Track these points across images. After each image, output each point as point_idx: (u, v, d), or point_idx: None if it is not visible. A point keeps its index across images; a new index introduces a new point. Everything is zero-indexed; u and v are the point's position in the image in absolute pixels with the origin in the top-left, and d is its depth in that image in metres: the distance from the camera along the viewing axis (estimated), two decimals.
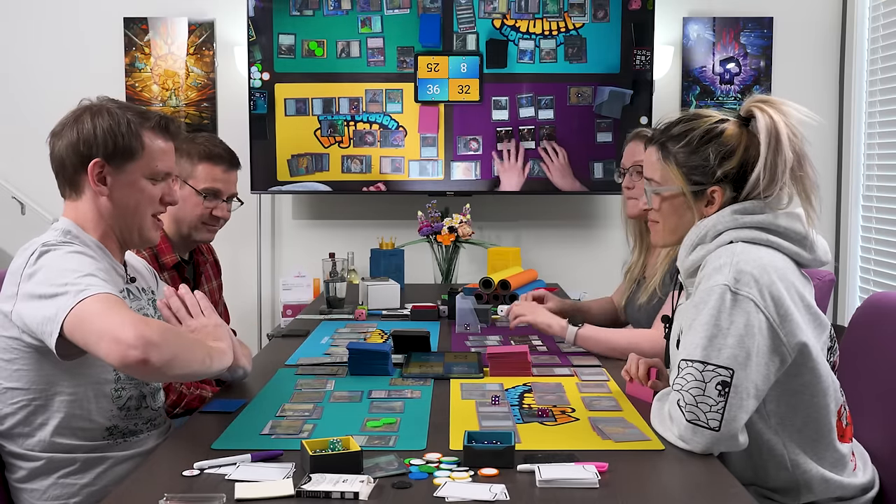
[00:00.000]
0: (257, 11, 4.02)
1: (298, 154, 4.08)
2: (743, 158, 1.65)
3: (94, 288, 1.55)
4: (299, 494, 1.29)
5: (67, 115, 1.75)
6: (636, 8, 4.01)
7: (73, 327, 1.52)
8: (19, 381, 1.67)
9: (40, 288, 1.58)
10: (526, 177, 4.06)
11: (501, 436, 1.47)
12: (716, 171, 1.66)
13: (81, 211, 1.75)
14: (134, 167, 1.73)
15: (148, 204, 1.76)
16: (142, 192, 1.75)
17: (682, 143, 1.68)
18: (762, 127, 1.61)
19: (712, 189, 1.67)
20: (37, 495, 1.69)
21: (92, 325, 1.51)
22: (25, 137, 4.21)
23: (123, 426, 1.75)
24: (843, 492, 1.64)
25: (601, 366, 2.14)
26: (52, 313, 1.54)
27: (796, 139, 1.61)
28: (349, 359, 2.05)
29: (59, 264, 1.60)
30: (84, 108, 1.75)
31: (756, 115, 1.63)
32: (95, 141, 1.70)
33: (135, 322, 1.49)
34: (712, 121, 1.69)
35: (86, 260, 1.64)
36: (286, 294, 3.96)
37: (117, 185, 1.73)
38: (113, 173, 1.72)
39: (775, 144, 1.59)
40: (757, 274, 1.55)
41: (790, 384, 1.59)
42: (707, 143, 1.67)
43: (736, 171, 1.65)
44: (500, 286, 3.10)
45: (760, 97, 1.66)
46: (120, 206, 1.74)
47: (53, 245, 1.66)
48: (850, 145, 4.12)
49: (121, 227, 1.76)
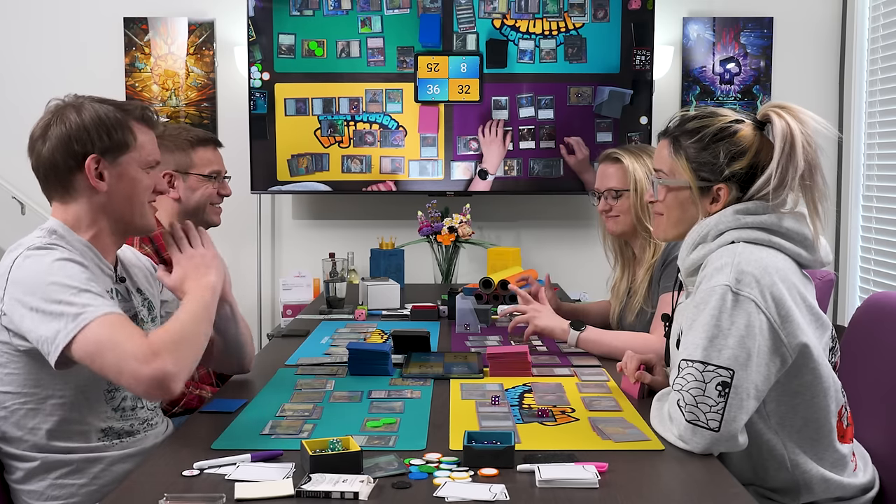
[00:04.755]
0: (257, 11, 4.02)
1: (298, 154, 4.08)
2: (753, 161, 1.65)
3: (92, 310, 1.56)
4: (299, 494, 1.29)
5: (45, 118, 1.73)
6: (636, 8, 4.01)
7: (83, 356, 1.56)
8: (10, 385, 1.67)
9: (32, 300, 1.58)
10: (507, 150, 4.06)
11: (501, 436, 1.47)
12: (724, 170, 1.66)
13: (73, 212, 1.73)
14: (128, 159, 1.73)
15: (144, 192, 1.77)
16: (139, 183, 1.75)
17: (695, 138, 1.69)
18: (778, 132, 1.61)
19: (718, 187, 1.67)
20: (35, 496, 1.69)
21: (104, 359, 1.54)
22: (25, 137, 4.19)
23: (119, 427, 1.75)
24: (844, 492, 1.64)
25: (601, 366, 2.15)
26: (49, 335, 1.55)
27: (810, 148, 1.61)
28: (349, 359, 2.05)
29: (47, 276, 1.59)
30: (60, 106, 1.73)
31: (773, 120, 1.63)
32: (89, 137, 1.69)
33: (145, 353, 1.52)
34: (727, 120, 1.69)
35: (73, 268, 1.62)
36: (286, 294, 3.96)
37: (115, 178, 1.72)
38: (109, 167, 1.71)
39: (789, 150, 1.60)
40: (758, 274, 1.55)
41: (790, 385, 1.59)
42: (719, 141, 1.67)
43: (745, 172, 1.65)
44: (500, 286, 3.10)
45: (779, 103, 1.66)
46: (118, 199, 1.73)
47: (36, 249, 1.64)
48: (850, 145, 4.12)
49: (119, 219, 1.75)
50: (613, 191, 2.46)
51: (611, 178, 2.48)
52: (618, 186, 2.45)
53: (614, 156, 2.49)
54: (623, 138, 4.02)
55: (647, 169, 2.40)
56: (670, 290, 2.08)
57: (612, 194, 2.46)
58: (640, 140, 4.00)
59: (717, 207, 1.68)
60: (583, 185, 4.06)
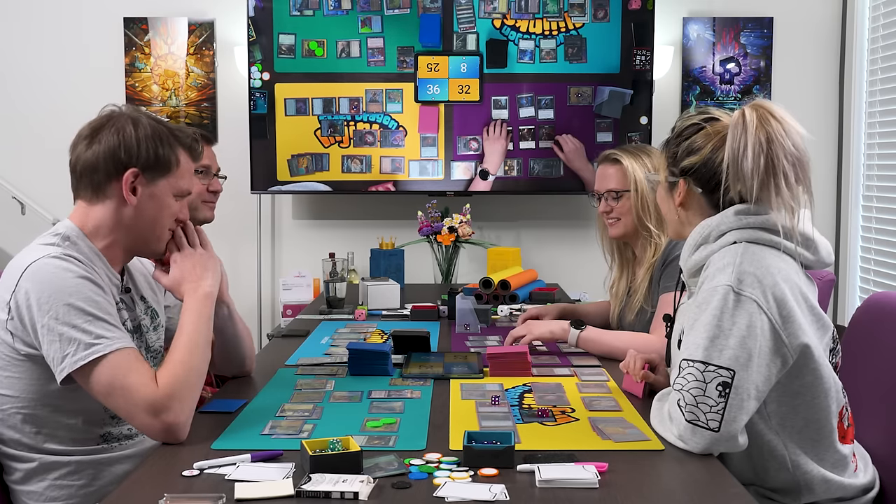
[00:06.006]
0: (257, 11, 4.01)
1: (298, 154, 4.08)
2: (709, 156, 1.65)
3: (105, 343, 1.57)
4: (299, 494, 1.29)
5: (100, 120, 1.73)
6: (636, 8, 4.01)
7: (90, 389, 1.59)
8: (10, 389, 1.67)
9: (45, 317, 1.58)
10: (508, 149, 4.06)
11: (501, 436, 1.47)
12: (680, 164, 1.70)
13: (95, 216, 1.73)
14: (165, 182, 1.74)
15: (168, 219, 1.77)
16: (167, 208, 1.76)
17: (673, 135, 1.75)
18: (731, 125, 1.60)
19: (679, 182, 1.71)
20: (34, 497, 1.69)
21: (115, 401, 1.58)
22: (25, 137, 4.21)
23: (117, 431, 1.75)
24: (844, 492, 1.64)
25: (601, 366, 2.15)
26: (57, 356, 1.57)
27: (771, 147, 1.56)
28: (349, 359, 2.05)
29: (65, 295, 1.59)
30: (119, 115, 1.73)
31: (734, 116, 1.62)
32: (137, 151, 1.70)
33: (154, 405, 1.55)
34: (706, 117, 1.71)
35: (90, 290, 1.62)
36: (286, 294, 3.96)
37: (146, 196, 1.72)
38: (145, 185, 1.72)
39: (741, 144, 1.56)
40: (760, 275, 1.55)
41: (791, 385, 1.59)
42: (687, 137, 1.71)
43: (699, 166, 1.67)
44: (500, 286, 3.10)
45: (757, 101, 1.63)
46: (143, 217, 1.73)
47: (53, 259, 1.63)
48: (849, 145, 4.11)
49: (136, 237, 1.75)
50: (613, 192, 2.46)
51: (610, 180, 2.48)
52: (617, 187, 2.45)
53: (613, 156, 2.49)
54: (623, 138, 4.01)
55: (646, 169, 2.40)
56: (671, 290, 2.09)
57: (612, 195, 2.46)
58: (640, 140, 3.99)
59: (678, 201, 1.72)
60: (582, 184, 4.06)
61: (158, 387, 1.57)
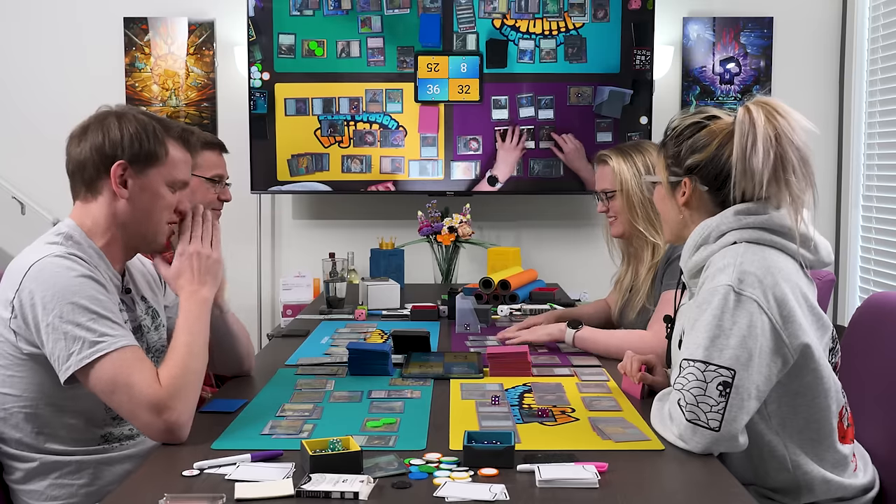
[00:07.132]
0: (257, 11, 4.01)
1: (298, 154, 4.08)
2: (715, 153, 1.65)
3: (109, 341, 1.57)
4: (299, 494, 1.29)
5: (89, 119, 1.74)
6: (636, 8, 4.01)
7: (94, 387, 1.59)
8: (12, 388, 1.67)
9: (49, 316, 1.58)
10: (522, 155, 4.06)
11: (501, 436, 1.47)
12: (684, 162, 1.68)
13: (92, 214, 1.73)
14: (155, 173, 1.73)
15: (164, 210, 1.76)
16: (161, 199, 1.75)
17: (672, 135, 1.73)
18: (737, 120, 1.60)
19: (684, 181, 1.69)
20: (35, 496, 1.69)
21: (118, 399, 1.58)
22: (26, 137, 4.21)
23: (118, 432, 1.75)
24: (844, 492, 1.64)
25: (601, 366, 2.15)
26: (62, 355, 1.57)
27: (783, 142, 1.57)
28: (349, 359, 2.05)
29: (69, 294, 1.59)
30: (107, 112, 1.75)
31: (738, 112, 1.62)
32: (122, 143, 1.70)
33: (157, 404, 1.55)
34: (706, 116, 1.70)
35: (93, 288, 1.62)
36: (286, 294, 3.95)
37: (137, 189, 1.72)
38: (135, 177, 1.71)
39: (751, 141, 1.56)
40: (761, 275, 1.55)
41: (791, 385, 1.59)
42: (689, 136, 1.69)
43: (705, 164, 1.66)
44: (500, 286, 3.10)
45: (760, 98, 1.63)
46: (137, 210, 1.73)
47: (57, 258, 1.63)
48: (850, 145, 4.11)
49: (133, 231, 1.75)
50: (605, 192, 2.49)
51: (603, 180, 2.51)
52: (608, 188, 2.48)
53: (602, 157, 2.52)
54: (623, 138, 4.01)
55: (637, 168, 2.41)
56: (672, 288, 2.08)
57: (606, 195, 2.49)
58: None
59: (682, 200, 1.70)
60: (582, 184, 4.06)
61: (161, 386, 1.57)
